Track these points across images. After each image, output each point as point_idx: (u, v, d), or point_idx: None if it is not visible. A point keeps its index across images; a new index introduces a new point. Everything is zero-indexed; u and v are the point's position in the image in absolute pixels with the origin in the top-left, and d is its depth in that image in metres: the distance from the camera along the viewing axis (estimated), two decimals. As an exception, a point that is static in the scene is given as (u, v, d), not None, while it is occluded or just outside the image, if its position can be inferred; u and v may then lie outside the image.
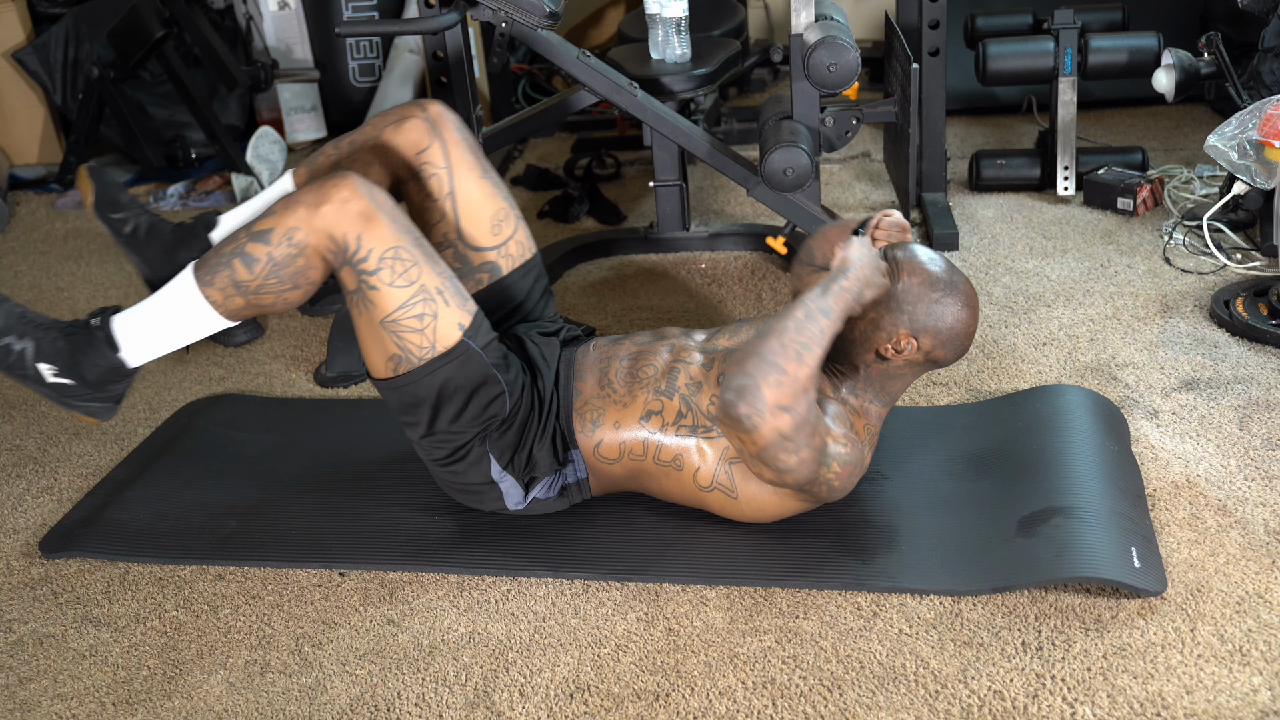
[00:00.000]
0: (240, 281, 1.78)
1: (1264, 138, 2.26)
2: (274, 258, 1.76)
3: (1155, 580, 1.66)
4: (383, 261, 1.75)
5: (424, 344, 1.77)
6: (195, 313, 1.82)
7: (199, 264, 1.81)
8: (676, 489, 1.85)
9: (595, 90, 2.69)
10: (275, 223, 1.76)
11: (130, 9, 3.72)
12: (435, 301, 1.77)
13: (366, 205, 1.75)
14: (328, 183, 1.76)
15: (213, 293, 1.79)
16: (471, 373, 1.80)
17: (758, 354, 1.64)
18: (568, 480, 1.89)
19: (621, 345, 1.94)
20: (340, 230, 1.73)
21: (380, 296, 1.75)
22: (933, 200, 3.03)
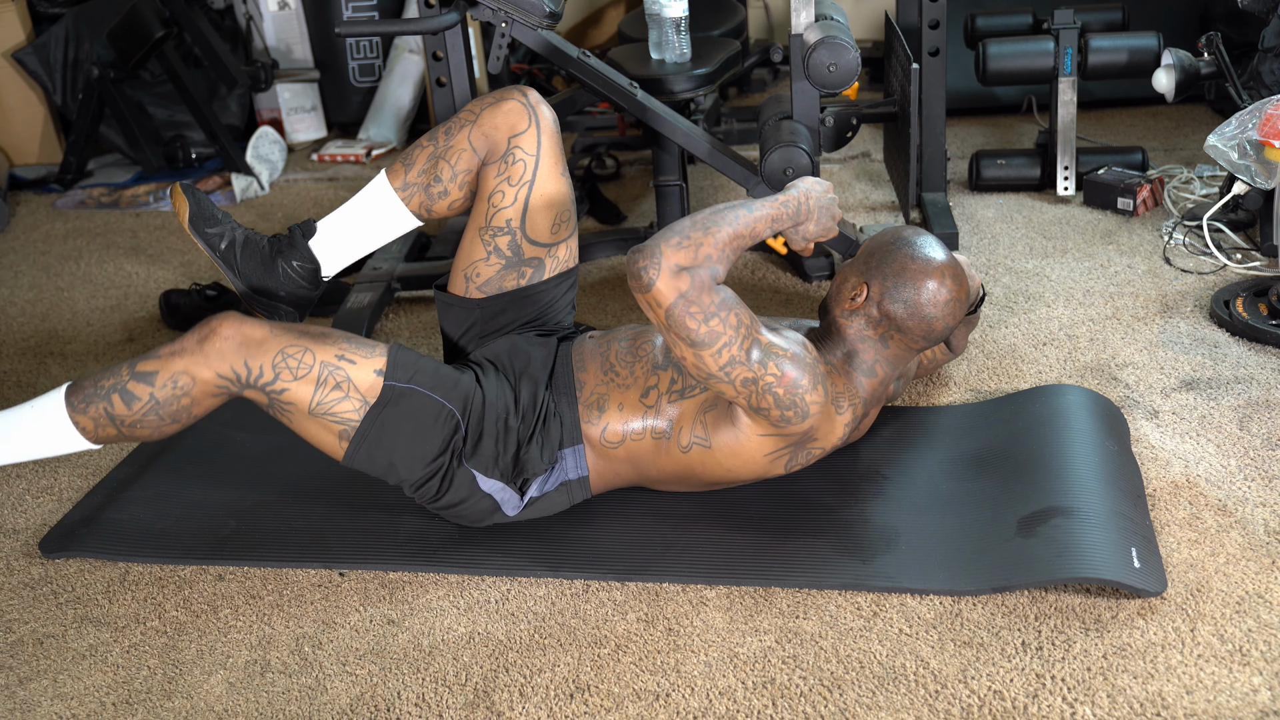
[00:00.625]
0: (116, 416, 1.80)
1: (1264, 138, 2.26)
2: (156, 398, 1.78)
3: (1155, 580, 1.66)
4: (276, 369, 1.77)
5: (355, 406, 1.79)
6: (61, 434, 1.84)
7: (74, 387, 1.82)
8: (668, 463, 1.86)
9: (595, 90, 2.69)
10: (160, 366, 1.78)
11: (130, 9, 3.72)
12: (341, 368, 1.79)
13: (250, 333, 1.77)
14: (211, 322, 1.78)
15: (84, 420, 1.82)
16: (412, 407, 1.81)
17: (667, 226, 1.72)
18: (568, 477, 1.89)
19: (616, 333, 1.96)
20: (227, 366, 1.76)
21: (294, 396, 1.78)
22: (933, 200, 3.03)
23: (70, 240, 3.54)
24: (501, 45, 2.55)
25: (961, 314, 1.91)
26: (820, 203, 1.88)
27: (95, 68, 3.83)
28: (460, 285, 2.02)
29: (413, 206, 2.00)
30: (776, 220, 1.81)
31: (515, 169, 1.95)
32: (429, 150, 1.99)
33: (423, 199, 2.00)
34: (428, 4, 2.81)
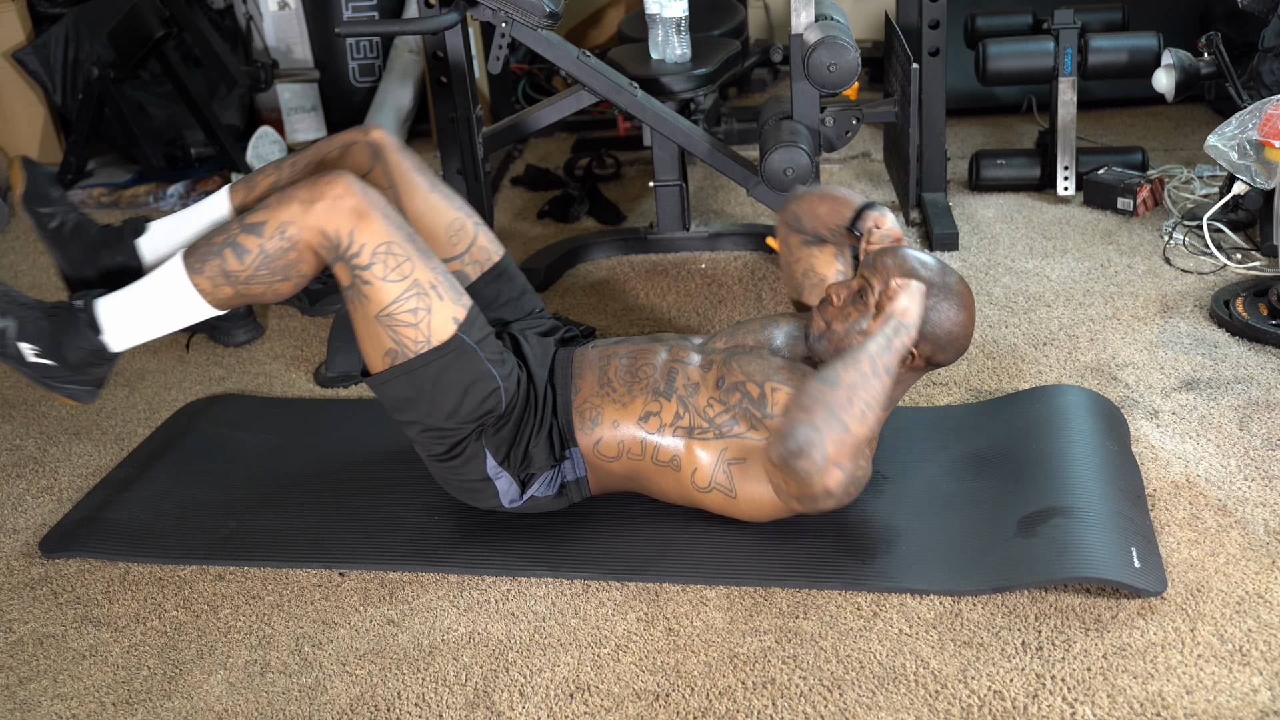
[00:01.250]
0: (230, 271, 1.78)
1: (1264, 138, 2.26)
2: (265, 250, 1.76)
3: (1155, 580, 1.66)
4: (375, 257, 1.75)
5: (419, 338, 1.78)
6: (183, 300, 1.81)
7: (190, 251, 1.81)
8: (675, 489, 1.85)
9: (595, 90, 2.69)
10: (268, 216, 1.77)
11: (130, 9, 3.72)
12: (429, 296, 1.77)
13: (359, 202, 1.76)
14: (321, 179, 1.77)
15: (202, 281, 1.79)
16: (466, 368, 1.80)
17: (826, 405, 1.63)
18: (566, 478, 1.89)
19: (621, 345, 1.95)
20: (333, 226, 1.74)
21: (374, 291, 1.76)
22: (933, 200, 3.03)
23: (70, 240, 3.54)
24: (501, 45, 2.55)
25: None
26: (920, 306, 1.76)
27: (95, 68, 3.83)
28: None
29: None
30: (903, 354, 1.73)
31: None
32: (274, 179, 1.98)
33: None
34: (428, 4, 2.81)
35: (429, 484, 2.03)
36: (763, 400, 1.78)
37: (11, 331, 1.82)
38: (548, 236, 3.20)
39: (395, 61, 4.16)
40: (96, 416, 2.45)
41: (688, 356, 1.89)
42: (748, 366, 1.82)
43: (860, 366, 1.66)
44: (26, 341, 1.83)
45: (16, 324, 1.82)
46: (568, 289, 2.85)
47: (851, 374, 1.65)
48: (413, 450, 2.13)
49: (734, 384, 1.80)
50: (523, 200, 3.50)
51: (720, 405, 1.81)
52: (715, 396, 1.81)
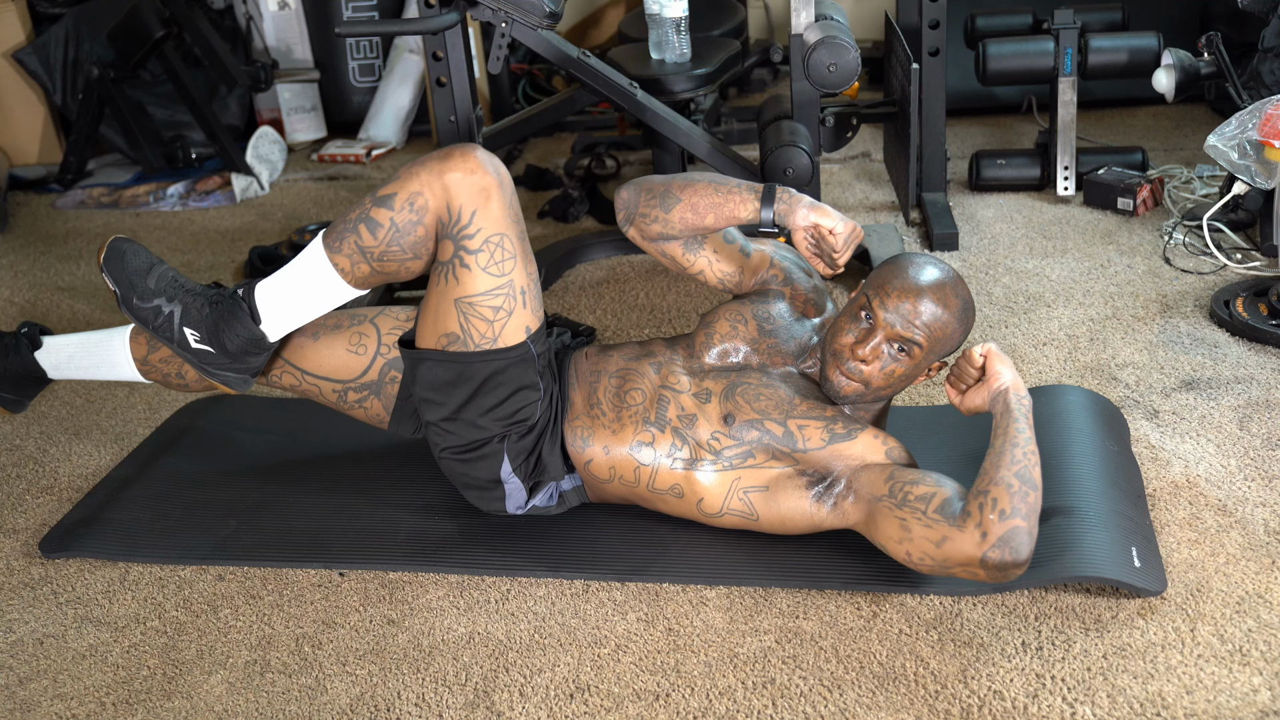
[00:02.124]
0: (365, 248, 1.76)
1: (1264, 138, 2.26)
2: (396, 224, 1.74)
3: (1155, 580, 1.66)
4: (486, 244, 1.74)
5: (488, 334, 1.77)
6: (326, 281, 1.80)
7: (328, 231, 1.79)
8: (677, 510, 1.84)
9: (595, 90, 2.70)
10: (399, 187, 1.74)
11: (130, 9, 3.72)
12: (516, 300, 1.77)
13: (490, 181, 1.74)
14: (455, 150, 1.74)
15: (341, 260, 1.78)
16: (520, 374, 1.79)
17: (1036, 512, 1.58)
18: (564, 488, 1.89)
19: (609, 360, 1.91)
20: (458, 201, 1.72)
21: (469, 276, 1.75)
22: (933, 200, 3.03)
23: (70, 240, 3.54)
24: (501, 45, 2.55)
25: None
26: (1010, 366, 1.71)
27: (95, 68, 3.83)
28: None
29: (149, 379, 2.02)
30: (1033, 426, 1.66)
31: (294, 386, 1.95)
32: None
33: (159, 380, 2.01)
34: (428, 4, 2.81)
35: (429, 484, 2.03)
36: (791, 437, 1.75)
37: (177, 317, 1.86)
38: (547, 236, 3.20)
39: (395, 61, 4.16)
40: (96, 416, 2.45)
41: (678, 381, 1.84)
42: (758, 403, 1.78)
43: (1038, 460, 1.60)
44: (190, 327, 1.86)
45: (181, 310, 1.86)
46: (568, 289, 2.85)
47: (1038, 472, 1.60)
48: (414, 450, 2.13)
49: (748, 422, 1.77)
50: (522, 200, 3.50)
51: (731, 440, 1.77)
52: (723, 431, 1.78)
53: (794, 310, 1.91)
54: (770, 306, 1.90)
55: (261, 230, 3.48)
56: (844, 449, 1.73)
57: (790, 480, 1.75)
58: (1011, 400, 1.66)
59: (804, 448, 1.74)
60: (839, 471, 1.73)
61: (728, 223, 1.83)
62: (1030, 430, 1.63)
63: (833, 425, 1.74)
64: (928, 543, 1.60)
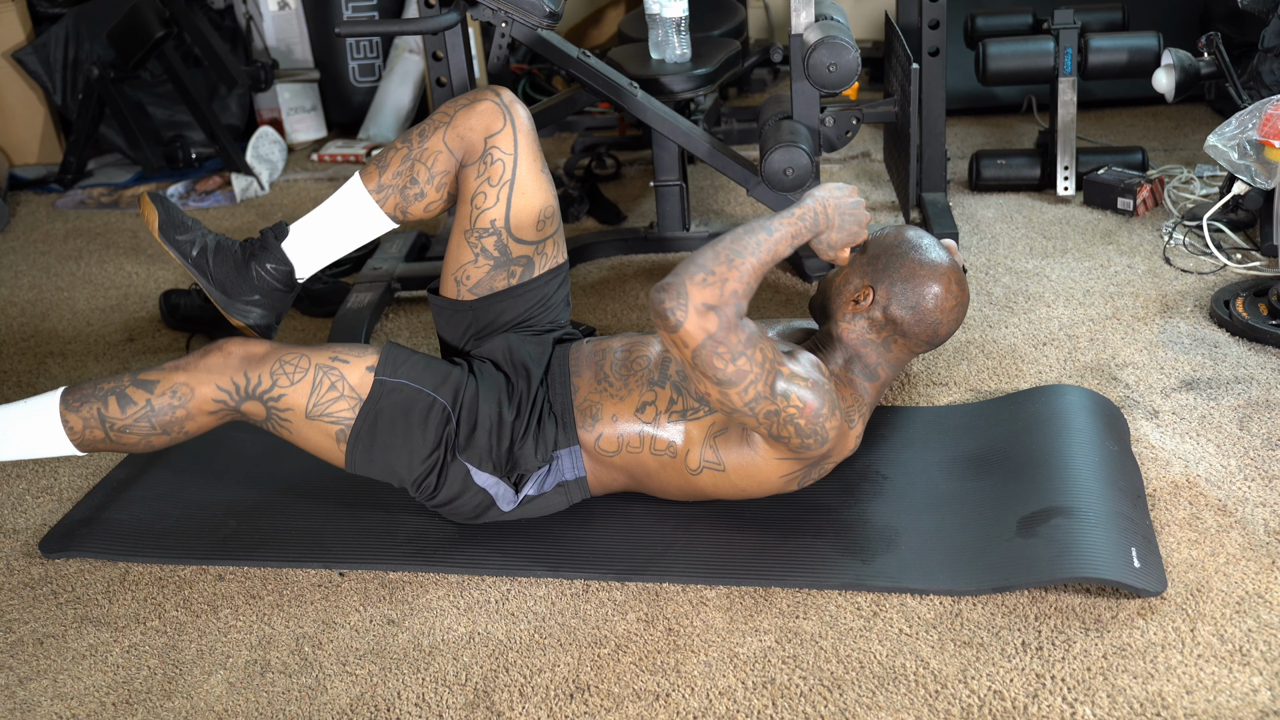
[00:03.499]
0: (107, 418, 1.85)
1: (1264, 138, 2.26)
2: (152, 405, 1.84)
3: (1155, 580, 1.66)
4: (274, 376, 1.82)
5: (350, 404, 1.83)
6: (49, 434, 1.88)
7: (72, 388, 1.88)
8: (673, 479, 1.85)
9: (595, 90, 2.69)
10: (162, 376, 1.84)
11: (130, 9, 3.72)
12: (335, 368, 1.83)
13: (247, 351, 1.84)
14: (208, 349, 1.85)
15: (75, 420, 1.86)
16: (399, 403, 1.83)
17: (688, 258, 1.69)
18: (565, 478, 1.89)
19: (613, 339, 1.96)
20: (227, 379, 1.82)
21: (290, 401, 1.82)
22: (933, 200, 3.03)
23: (70, 240, 3.54)
24: (501, 45, 2.55)
25: (963, 318, 1.92)
26: (841, 208, 1.82)
27: (95, 68, 3.83)
28: (451, 289, 2.01)
29: (388, 209, 1.98)
30: (796, 236, 1.77)
31: (494, 169, 1.94)
32: (404, 152, 1.97)
33: (398, 201, 1.98)
34: (428, 4, 2.81)
35: (429, 484, 2.03)
36: None
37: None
38: (548, 236, 3.20)
39: (395, 61, 4.16)
40: (96, 416, 2.45)
41: None
42: None
43: (736, 229, 1.74)
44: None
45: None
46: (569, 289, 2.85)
47: (724, 235, 1.72)
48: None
49: None
50: (523, 200, 3.49)
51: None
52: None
53: None
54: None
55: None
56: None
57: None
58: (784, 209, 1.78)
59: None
60: None
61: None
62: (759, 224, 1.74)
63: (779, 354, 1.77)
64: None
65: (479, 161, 1.94)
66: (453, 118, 1.95)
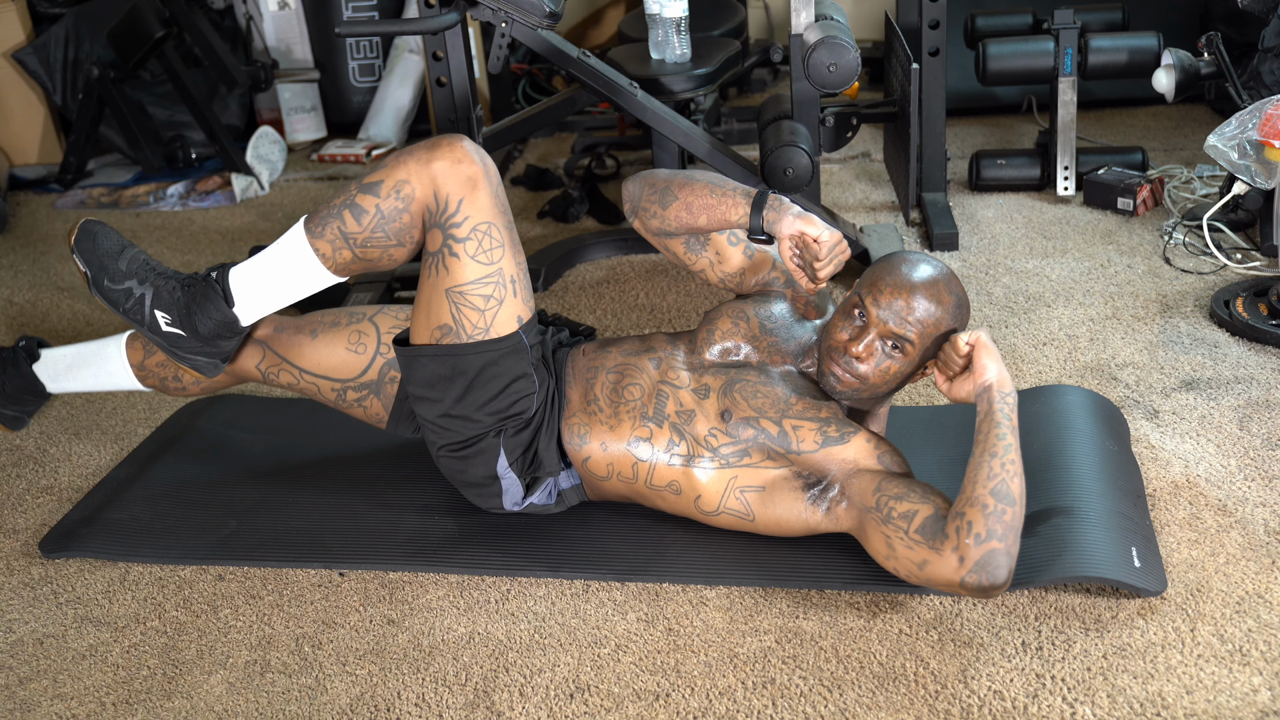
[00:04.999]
0: (348, 234, 1.76)
1: (1264, 138, 2.26)
2: (382, 210, 1.75)
3: (1155, 580, 1.66)
4: (474, 233, 1.75)
5: (480, 324, 1.77)
6: (306, 266, 1.80)
7: (310, 216, 1.80)
8: (675, 508, 1.84)
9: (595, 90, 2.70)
10: (385, 175, 1.75)
11: (130, 9, 3.72)
12: (506, 288, 1.78)
13: (477, 171, 1.75)
14: (442, 140, 1.75)
15: (322, 245, 1.78)
16: (513, 365, 1.80)
17: (1015, 530, 1.55)
18: (562, 486, 1.89)
19: (608, 355, 1.90)
20: (445, 190, 1.73)
21: (458, 265, 1.75)
22: (933, 200, 3.03)
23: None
24: (501, 45, 2.55)
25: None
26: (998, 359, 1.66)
27: (95, 68, 3.83)
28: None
29: (145, 384, 2.03)
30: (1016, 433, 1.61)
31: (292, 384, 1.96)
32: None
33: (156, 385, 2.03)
34: (428, 4, 2.81)
35: (429, 484, 2.03)
36: (785, 437, 1.74)
37: (148, 299, 1.86)
38: (548, 236, 3.20)
39: (395, 62, 4.16)
40: (96, 416, 2.45)
41: (677, 377, 1.84)
42: (755, 400, 1.77)
43: (1018, 470, 1.57)
44: (161, 310, 1.85)
45: (153, 292, 1.86)
46: (568, 289, 2.85)
47: (1018, 484, 1.56)
48: (414, 450, 2.13)
49: (744, 419, 1.76)
50: (523, 200, 3.50)
51: (727, 438, 1.77)
52: (720, 429, 1.77)
53: (795, 311, 1.91)
54: (772, 306, 1.90)
55: (261, 230, 3.48)
56: (837, 452, 1.72)
57: (786, 482, 1.75)
58: (995, 399, 1.62)
59: (798, 449, 1.74)
60: (833, 475, 1.73)
61: (719, 226, 1.83)
62: (1013, 435, 1.59)
63: (826, 428, 1.73)
64: (910, 563, 1.61)
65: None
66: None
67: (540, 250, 2.99)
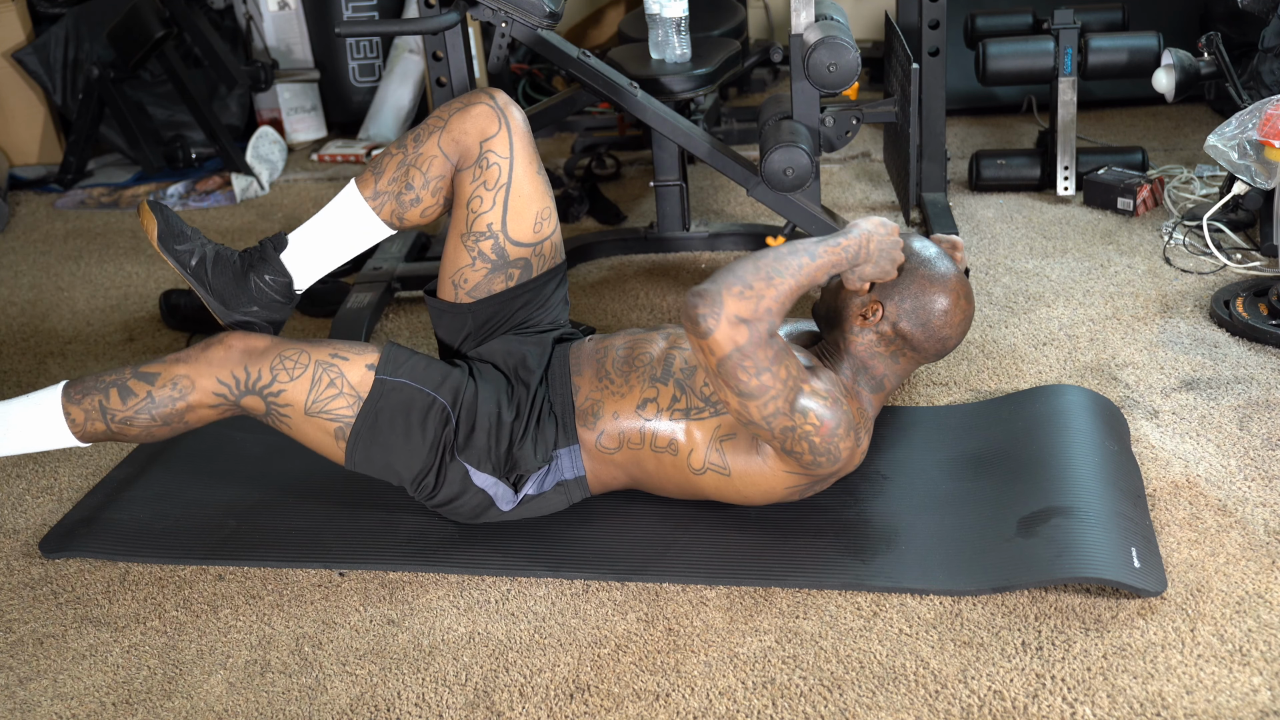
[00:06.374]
0: (109, 409, 1.86)
1: (1264, 138, 2.26)
2: (153, 397, 1.84)
3: (1155, 580, 1.66)
4: (273, 371, 1.83)
5: (349, 402, 1.83)
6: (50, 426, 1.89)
7: (74, 381, 1.89)
8: (673, 475, 1.85)
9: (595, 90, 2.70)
10: (163, 369, 1.85)
11: (130, 9, 3.72)
12: (334, 365, 1.84)
13: (248, 345, 1.85)
14: (210, 342, 1.86)
15: (76, 411, 1.87)
16: (400, 401, 1.83)
17: (728, 268, 1.70)
18: (565, 477, 1.89)
19: (615, 337, 1.95)
20: (227, 372, 1.83)
21: (290, 397, 1.83)
22: (933, 200, 3.02)
23: (70, 240, 3.54)
24: (501, 45, 2.55)
25: (969, 328, 1.92)
26: (881, 245, 1.80)
27: (95, 68, 3.83)
28: (450, 292, 2.00)
29: (384, 215, 1.97)
30: (836, 265, 1.76)
31: (490, 173, 1.93)
32: (399, 158, 1.95)
33: (394, 207, 1.96)
34: (428, 4, 2.81)
35: (429, 484, 2.03)
36: None
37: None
38: (548, 236, 3.20)
39: (395, 61, 4.16)
40: (96, 416, 2.45)
41: (685, 342, 1.89)
42: None
43: (779, 247, 1.74)
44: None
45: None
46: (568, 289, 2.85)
47: (766, 251, 1.73)
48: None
49: None
50: (523, 200, 3.49)
51: None
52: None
53: None
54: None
55: (262, 230, 3.48)
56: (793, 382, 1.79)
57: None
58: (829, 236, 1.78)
59: None
60: None
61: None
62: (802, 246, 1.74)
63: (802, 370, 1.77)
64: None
65: (474, 165, 1.93)
66: (447, 122, 1.94)
67: (540, 250, 2.99)
